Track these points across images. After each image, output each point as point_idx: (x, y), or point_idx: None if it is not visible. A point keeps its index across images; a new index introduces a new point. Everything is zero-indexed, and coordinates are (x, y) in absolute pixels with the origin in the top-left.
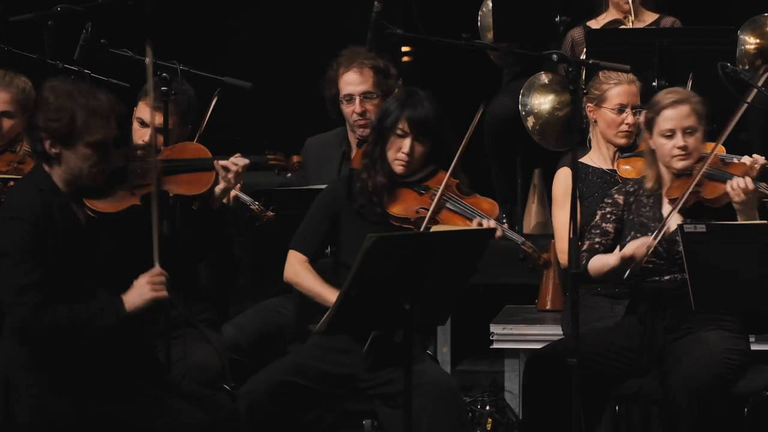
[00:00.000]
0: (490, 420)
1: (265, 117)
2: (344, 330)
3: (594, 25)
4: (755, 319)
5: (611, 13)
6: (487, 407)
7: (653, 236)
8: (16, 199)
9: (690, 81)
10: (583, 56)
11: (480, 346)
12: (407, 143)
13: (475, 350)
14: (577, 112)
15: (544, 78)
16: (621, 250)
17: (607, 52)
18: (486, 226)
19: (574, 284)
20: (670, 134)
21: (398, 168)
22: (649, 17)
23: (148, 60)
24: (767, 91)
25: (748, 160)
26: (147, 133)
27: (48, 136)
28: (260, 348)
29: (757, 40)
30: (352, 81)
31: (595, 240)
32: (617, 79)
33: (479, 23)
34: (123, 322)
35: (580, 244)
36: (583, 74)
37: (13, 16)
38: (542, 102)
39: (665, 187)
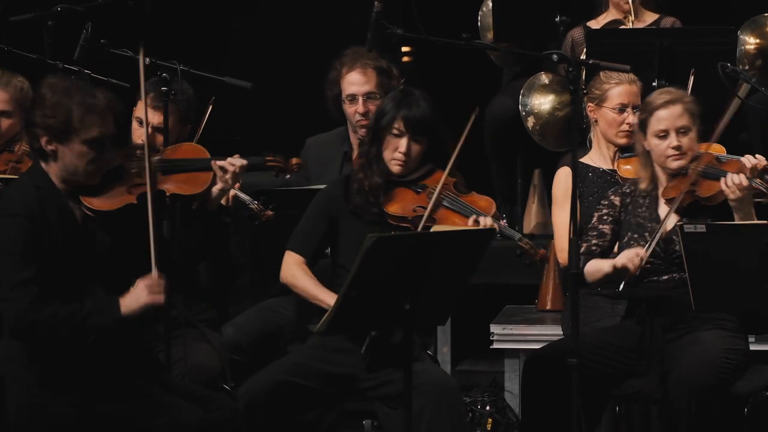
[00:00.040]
0: (490, 420)
1: (265, 117)
2: (344, 330)
3: (594, 25)
4: (755, 319)
5: (611, 14)
6: (487, 407)
7: (645, 247)
8: (12, 196)
9: (692, 77)
10: (583, 56)
11: (480, 346)
12: (404, 143)
13: (475, 350)
14: (577, 113)
15: (545, 78)
16: (617, 254)
17: (607, 52)
18: (483, 224)
19: (574, 284)
20: (664, 134)
21: (395, 168)
22: (649, 17)
23: (141, 62)
24: (767, 91)
25: (749, 162)
26: None
27: (44, 132)
28: (260, 348)
29: (757, 40)
30: (356, 81)
31: (592, 242)
32: (618, 79)
33: (479, 23)
34: (118, 323)
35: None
36: (583, 74)
37: (13, 16)
38: (542, 102)
39: (661, 188)
